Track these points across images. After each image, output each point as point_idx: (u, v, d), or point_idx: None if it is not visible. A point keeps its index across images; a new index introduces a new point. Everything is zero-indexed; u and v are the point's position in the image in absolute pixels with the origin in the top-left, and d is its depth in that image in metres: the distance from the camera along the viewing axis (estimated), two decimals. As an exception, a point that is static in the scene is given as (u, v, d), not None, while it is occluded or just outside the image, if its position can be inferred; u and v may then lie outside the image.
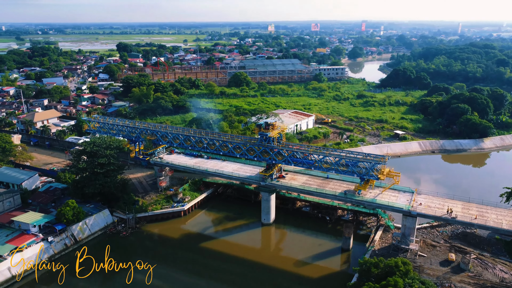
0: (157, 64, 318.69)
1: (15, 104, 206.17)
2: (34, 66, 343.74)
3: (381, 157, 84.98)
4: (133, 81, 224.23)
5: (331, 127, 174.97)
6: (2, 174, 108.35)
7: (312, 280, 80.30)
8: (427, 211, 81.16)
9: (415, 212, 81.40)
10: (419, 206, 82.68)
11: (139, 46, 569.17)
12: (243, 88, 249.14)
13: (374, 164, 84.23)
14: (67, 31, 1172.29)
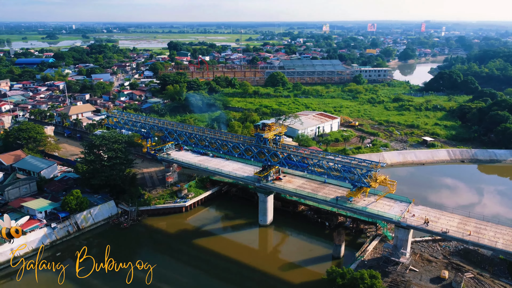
0: (198, 62, 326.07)
1: (61, 98, 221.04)
2: (89, 63, 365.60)
3: (374, 164, 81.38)
4: (169, 78, 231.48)
5: (357, 130, 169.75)
6: (26, 162, 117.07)
7: (291, 285, 78.87)
8: (417, 223, 76.59)
9: (405, 223, 77.17)
10: (411, 218, 78.24)
11: (192, 45, 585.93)
12: (277, 88, 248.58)
13: (367, 171, 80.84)
14: (130, 30, 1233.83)
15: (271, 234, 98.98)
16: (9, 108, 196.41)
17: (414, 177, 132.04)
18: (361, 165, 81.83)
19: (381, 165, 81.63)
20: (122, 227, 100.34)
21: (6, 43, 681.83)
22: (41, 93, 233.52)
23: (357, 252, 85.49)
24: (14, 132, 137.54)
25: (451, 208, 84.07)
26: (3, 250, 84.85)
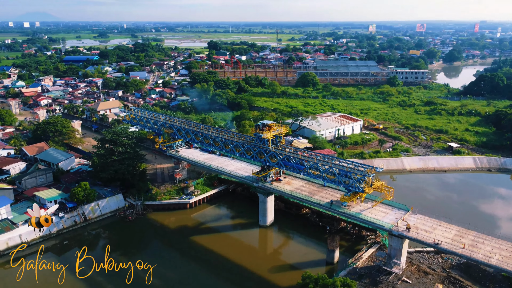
0: (232, 62, 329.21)
1: (96, 94, 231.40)
2: (130, 61, 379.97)
3: (369, 169, 78.63)
4: (199, 77, 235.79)
5: (380, 134, 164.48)
6: (47, 154, 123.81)
7: (274, 287, 78.06)
8: (410, 233, 73.10)
9: (396, 232, 73.96)
10: (401, 227, 74.82)
11: (233, 44, 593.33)
12: (306, 89, 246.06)
13: (362, 175, 78.26)
14: (177, 29, 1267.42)
15: (269, 235, 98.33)
16: (47, 102, 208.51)
17: (430, 185, 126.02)
18: (355, 170, 79.31)
19: (375, 170, 78.71)
20: (126, 220, 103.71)
21: (61, 41, 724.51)
22: (80, 89, 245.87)
23: (351, 259, 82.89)
24: (42, 125, 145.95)
25: (452, 219, 79.31)
26: (12, 235, 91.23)
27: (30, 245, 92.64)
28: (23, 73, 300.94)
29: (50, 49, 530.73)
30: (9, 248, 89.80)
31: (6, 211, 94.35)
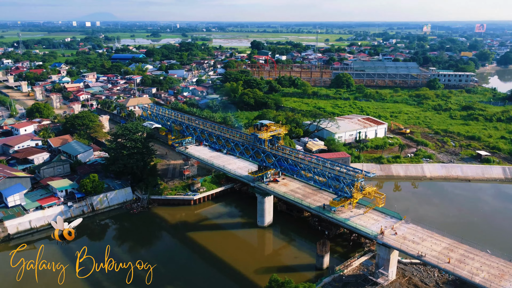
0: (267, 61, 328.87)
1: (133, 90, 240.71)
2: (173, 59, 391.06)
3: (358, 173, 75.66)
4: (230, 76, 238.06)
5: (405, 138, 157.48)
6: (69, 146, 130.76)
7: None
8: (394, 243, 69.54)
9: (381, 241, 70.61)
10: (389, 236, 71.30)
11: (279, 44, 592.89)
12: (338, 90, 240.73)
13: (350, 180, 75.55)
14: (228, 29, 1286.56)
15: (265, 236, 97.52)
16: (86, 97, 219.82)
17: (447, 194, 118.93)
18: (344, 174, 76.63)
19: (365, 175, 75.53)
20: (131, 212, 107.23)
21: (116, 40, 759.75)
22: (119, 86, 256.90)
23: (339, 266, 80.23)
24: (71, 119, 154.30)
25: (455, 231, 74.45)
26: (22, 220, 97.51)
27: (38, 230, 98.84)
28: (72, 70, 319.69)
29: (103, 47, 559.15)
30: (18, 232, 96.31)
31: (20, 197, 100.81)
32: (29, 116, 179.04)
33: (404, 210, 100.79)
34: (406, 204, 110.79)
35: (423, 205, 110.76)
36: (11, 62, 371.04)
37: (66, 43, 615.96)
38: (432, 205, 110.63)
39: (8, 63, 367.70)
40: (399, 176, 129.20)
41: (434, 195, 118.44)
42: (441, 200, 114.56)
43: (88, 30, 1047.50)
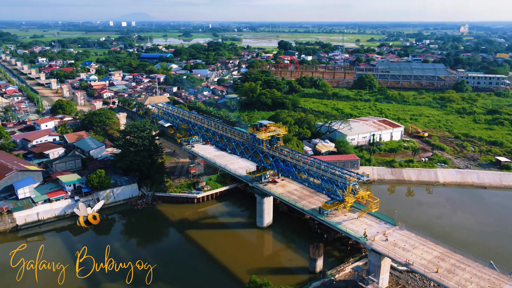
0: (290, 62, 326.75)
1: (155, 89, 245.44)
2: (199, 59, 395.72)
3: (350, 177, 73.87)
4: (250, 76, 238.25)
5: (422, 142, 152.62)
6: (82, 142, 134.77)
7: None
8: (383, 249, 67.41)
9: (369, 246, 68.64)
10: (379, 242, 69.19)
11: (308, 44, 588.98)
12: (359, 91, 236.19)
13: (342, 183, 73.90)
14: (259, 29, 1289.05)
15: (263, 237, 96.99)
16: (109, 95, 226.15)
17: (456, 201, 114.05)
18: (336, 177, 75.04)
19: (357, 179, 73.63)
20: (135, 208, 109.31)
21: (149, 40, 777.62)
22: (142, 84, 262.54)
23: (331, 270, 78.65)
24: (89, 116, 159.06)
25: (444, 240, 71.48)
26: (30, 212, 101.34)
27: (46, 223, 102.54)
28: (101, 68, 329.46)
29: (134, 46, 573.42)
30: (26, 223, 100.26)
31: (29, 190, 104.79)
32: (52, 112, 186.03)
33: (411, 216, 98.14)
34: (415, 210, 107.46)
35: (431, 211, 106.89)
36: (46, 60, 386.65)
37: (100, 42, 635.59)
38: (440, 211, 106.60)
39: (42, 61, 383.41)
40: (411, 181, 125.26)
41: (445, 201, 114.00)
42: (451, 207, 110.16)
43: (123, 30, 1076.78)
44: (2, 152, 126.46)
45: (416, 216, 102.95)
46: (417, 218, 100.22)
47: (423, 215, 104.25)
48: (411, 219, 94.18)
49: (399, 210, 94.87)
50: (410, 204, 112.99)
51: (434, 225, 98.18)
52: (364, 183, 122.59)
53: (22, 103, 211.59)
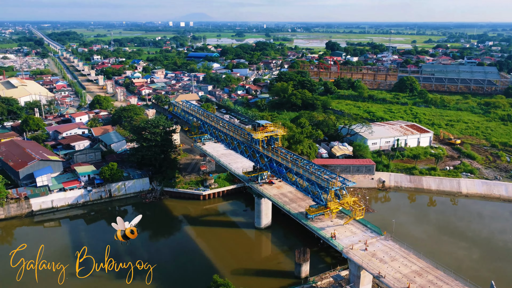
0: (332, 63, 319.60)
1: (191, 87, 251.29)
2: (243, 58, 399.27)
3: (332, 181, 71.02)
4: (285, 76, 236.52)
5: (453, 150, 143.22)
6: (106, 136, 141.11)
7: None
8: (358, 258, 64.14)
9: (345, 255, 65.67)
10: (356, 251, 65.92)
11: (360, 45, 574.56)
12: (397, 94, 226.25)
13: (326, 188, 71.36)
14: (313, 30, 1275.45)
15: (258, 238, 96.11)
16: (147, 92, 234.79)
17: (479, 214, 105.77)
18: (319, 180, 72.53)
19: (340, 184, 70.62)
20: (143, 202, 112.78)
21: (202, 39, 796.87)
22: (181, 82, 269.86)
23: (314, 277, 76.22)
24: (119, 111, 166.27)
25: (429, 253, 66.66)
26: (45, 199, 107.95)
27: (59, 210, 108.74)
28: (148, 66, 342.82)
29: (185, 45, 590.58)
30: (41, 210, 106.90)
31: (47, 179, 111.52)
32: (90, 106, 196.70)
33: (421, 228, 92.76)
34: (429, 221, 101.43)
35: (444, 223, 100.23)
36: (100, 58, 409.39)
37: (155, 41, 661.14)
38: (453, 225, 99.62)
39: (97, 59, 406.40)
40: (430, 190, 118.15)
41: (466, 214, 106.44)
42: (467, 220, 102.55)
43: (180, 30, 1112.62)
44: (32, 142, 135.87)
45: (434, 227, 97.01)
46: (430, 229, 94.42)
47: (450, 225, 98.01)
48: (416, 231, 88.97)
49: (412, 219, 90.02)
50: (440, 212, 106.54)
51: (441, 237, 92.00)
52: (380, 190, 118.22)
53: (68, 97, 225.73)
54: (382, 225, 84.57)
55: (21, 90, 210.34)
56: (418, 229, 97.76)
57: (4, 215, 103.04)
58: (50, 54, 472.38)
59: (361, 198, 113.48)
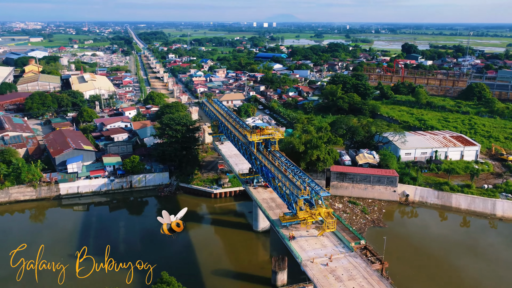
0: (394, 66, 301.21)
1: (246, 87, 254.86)
2: (311, 59, 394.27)
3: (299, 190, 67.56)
4: (338, 79, 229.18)
5: (504, 166, 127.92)
6: (142, 130, 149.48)
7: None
8: (311, 272, 60.53)
9: (303, 268, 62.34)
10: (316, 264, 62.21)
11: (443, 48, 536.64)
12: (459, 102, 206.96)
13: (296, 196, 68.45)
14: (398, 31, 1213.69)
15: (251, 241, 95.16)
16: (202, 90, 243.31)
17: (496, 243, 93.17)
18: (291, 188, 69.63)
19: (308, 193, 66.95)
20: (159, 195, 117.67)
21: (280, 40, 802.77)
22: (238, 82, 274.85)
23: (286, 286, 73.57)
24: (163, 108, 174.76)
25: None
26: (72, 185, 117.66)
27: (83, 196, 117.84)
28: (215, 65, 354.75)
29: (259, 45, 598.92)
30: (67, 194, 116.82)
31: (77, 166, 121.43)
32: (144, 102, 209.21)
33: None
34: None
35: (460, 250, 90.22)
36: (175, 57, 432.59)
37: (232, 41, 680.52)
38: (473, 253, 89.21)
39: (172, 57, 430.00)
40: (458, 209, 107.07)
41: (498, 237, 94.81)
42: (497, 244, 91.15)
43: (262, 31, 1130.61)
44: (77, 132, 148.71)
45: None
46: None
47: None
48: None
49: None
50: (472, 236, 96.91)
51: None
52: (402, 204, 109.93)
53: (130, 92, 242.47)
54: (378, 242, 79.51)
55: (89, 85, 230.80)
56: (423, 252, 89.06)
57: (35, 196, 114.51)
58: (134, 52, 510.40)
59: (376, 211, 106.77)
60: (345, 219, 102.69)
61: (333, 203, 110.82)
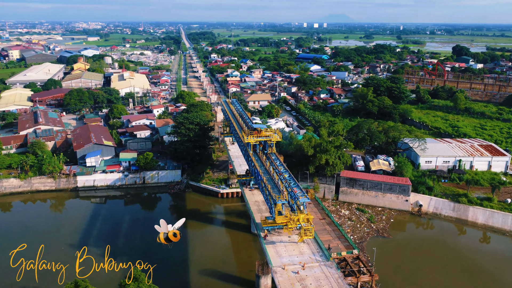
0: (436, 69, 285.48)
1: (279, 88, 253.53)
2: (353, 61, 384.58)
3: (277, 195, 66.09)
4: (372, 81, 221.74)
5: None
6: (163, 128, 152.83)
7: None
8: (280, 279, 58.94)
9: (273, 274, 60.94)
10: (287, 271, 60.56)
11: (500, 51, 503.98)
12: (502, 109, 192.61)
13: (274, 201, 67.13)
14: (455, 33, 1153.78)
15: (245, 243, 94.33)
16: (235, 90, 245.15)
17: None
18: (271, 193, 68.30)
19: (286, 198, 65.28)
20: (168, 192, 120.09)
21: (328, 41, 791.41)
22: (271, 82, 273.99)
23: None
24: (188, 106, 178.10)
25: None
26: (89, 178, 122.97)
27: (98, 189, 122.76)
28: (255, 66, 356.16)
29: (305, 46, 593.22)
30: (84, 187, 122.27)
31: (95, 160, 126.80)
32: (175, 100, 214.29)
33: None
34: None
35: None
36: (216, 57, 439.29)
37: (277, 42, 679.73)
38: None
39: (213, 57, 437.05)
40: (474, 223, 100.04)
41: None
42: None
43: (311, 31, 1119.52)
44: (103, 128, 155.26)
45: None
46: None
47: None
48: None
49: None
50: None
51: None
52: (414, 214, 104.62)
53: (165, 91, 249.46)
54: (378, 252, 76.55)
55: (126, 82, 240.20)
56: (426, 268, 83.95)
57: (55, 187, 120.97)
58: (179, 52, 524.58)
59: (384, 220, 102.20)
60: (348, 226, 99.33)
61: (339, 209, 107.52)
